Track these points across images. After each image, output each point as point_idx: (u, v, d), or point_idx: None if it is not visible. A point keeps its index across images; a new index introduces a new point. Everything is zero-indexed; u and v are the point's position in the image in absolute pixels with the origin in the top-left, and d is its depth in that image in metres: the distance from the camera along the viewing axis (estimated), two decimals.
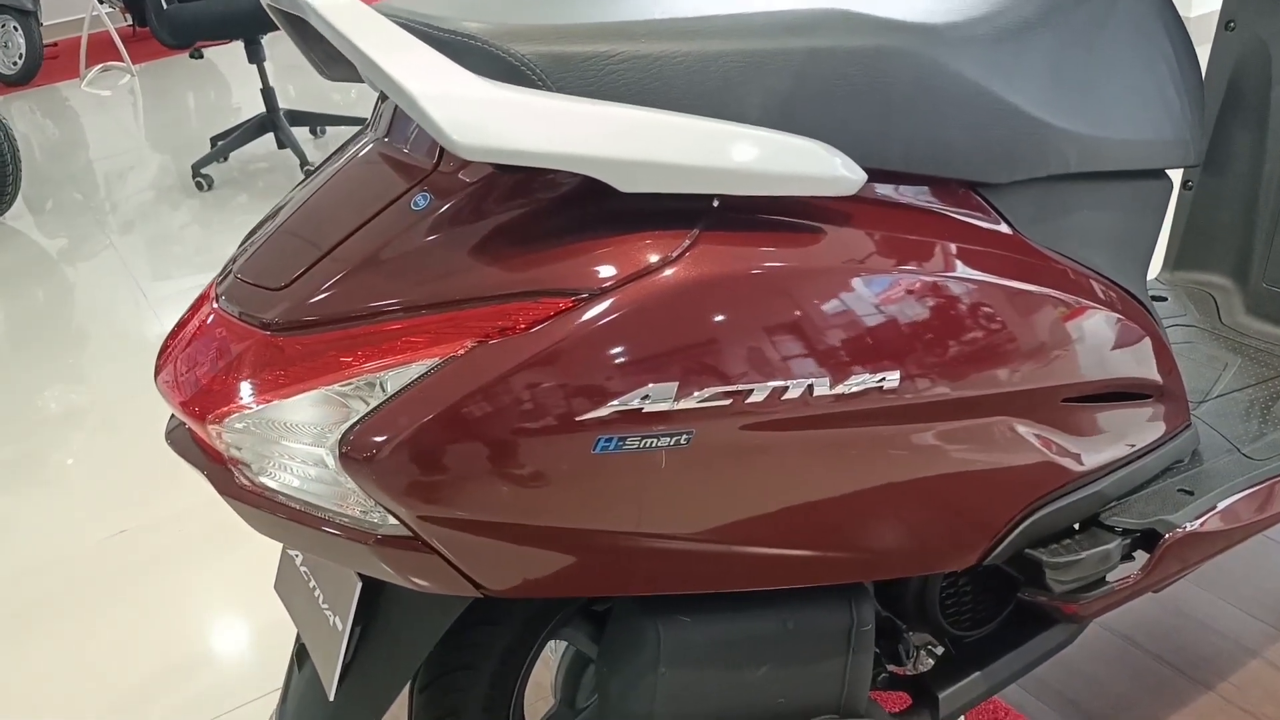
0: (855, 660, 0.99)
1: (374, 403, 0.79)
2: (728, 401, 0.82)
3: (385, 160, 0.89)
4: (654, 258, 0.81)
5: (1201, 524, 1.11)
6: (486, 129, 0.74)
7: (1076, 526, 1.09)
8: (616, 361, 0.79)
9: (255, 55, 3.99)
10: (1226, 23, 1.54)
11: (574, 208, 0.82)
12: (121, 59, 6.46)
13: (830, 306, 0.85)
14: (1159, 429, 1.10)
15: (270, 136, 4.24)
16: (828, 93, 0.85)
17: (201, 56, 4.16)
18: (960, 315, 0.90)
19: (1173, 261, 1.63)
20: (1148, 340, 1.07)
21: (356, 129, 3.95)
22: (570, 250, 0.81)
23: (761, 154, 0.81)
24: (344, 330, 0.81)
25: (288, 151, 4.26)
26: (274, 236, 0.89)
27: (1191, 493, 1.13)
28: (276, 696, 1.60)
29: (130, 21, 7.43)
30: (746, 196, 0.83)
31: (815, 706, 0.99)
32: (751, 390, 0.82)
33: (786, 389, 0.83)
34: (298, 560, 1.06)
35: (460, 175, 0.83)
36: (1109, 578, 1.08)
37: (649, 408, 0.80)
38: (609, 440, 0.80)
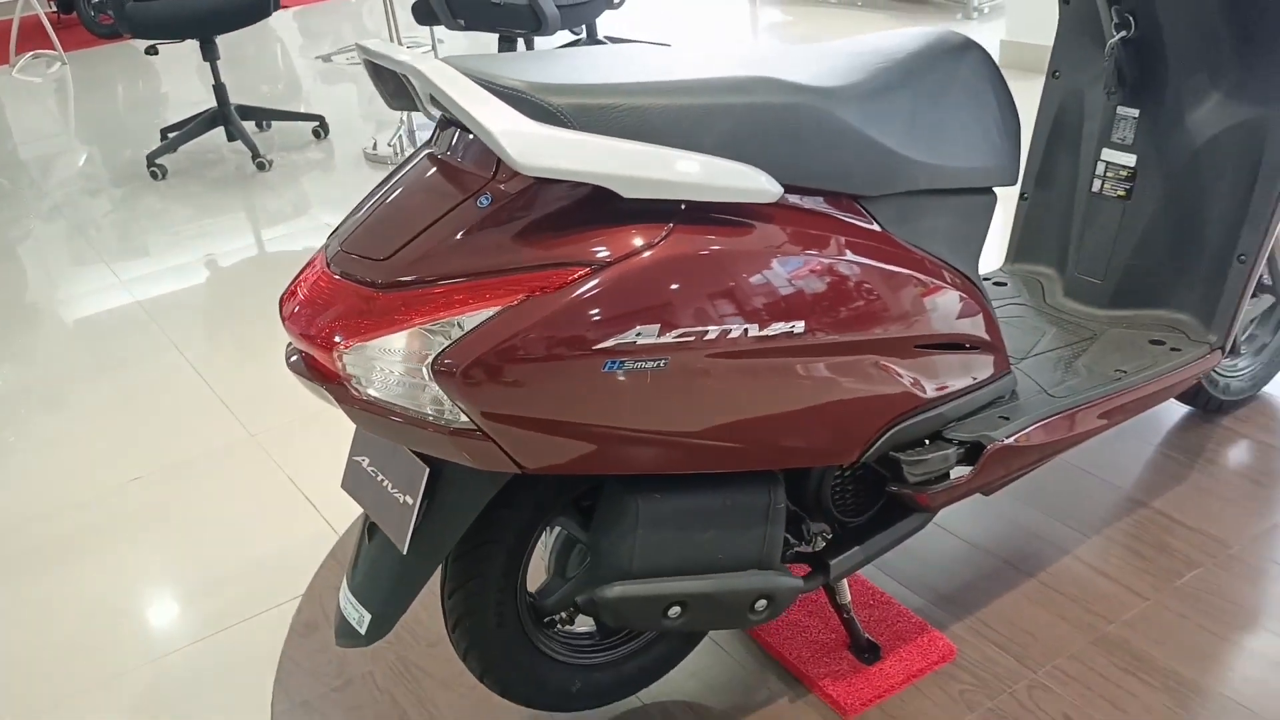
0: (771, 529, 1.41)
1: (455, 336, 1.17)
2: (691, 339, 1.22)
3: (451, 170, 1.27)
4: (642, 241, 1.21)
5: (1014, 440, 1.55)
6: (538, 153, 1.13)
7: (927, 440, 1.52)
8: (618, 310, 1.19)
9: (210, 54, 4.26)
10: (1053, 72, 2.00)
11: (589, 207, 1.21)
12: (52, 46, 6.59)
13: (759, 277, 1.26)
14: (985, 372, 1.54)
15: (219, 128, 4.51)
16: (758, 132, 1.26)
17: (157, 53, 4.41)
18: (844, 285, 1.32)
19: (1012, 255, 2.09)
20: (977, 308, 1.50)
21: (306, 123, 4.25)
22: (586, 236, 1.20)
23: (713, 173, 1.21)
24: (431, 288, 1.19)
25: (236, 143, 4.54)
26: (372, 220, 1.27)
27: (1008, 419, 1.57)
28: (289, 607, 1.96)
29: (55, 8, 7.54)
30: (704, 201, 1.23)
31: (743, 561, 1.40)
32: (707, 331, 1.23)
33: (730, 331, 1.24)
34: (364, 463, 1.43)
35: (510, 184, 1.22)
36: (951, 475, 1.52)
37: (640, 342, 1.20)
38: (614, 363, 1.20)
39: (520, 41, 3.89)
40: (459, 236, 1.20)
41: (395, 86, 1.33)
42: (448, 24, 3.65)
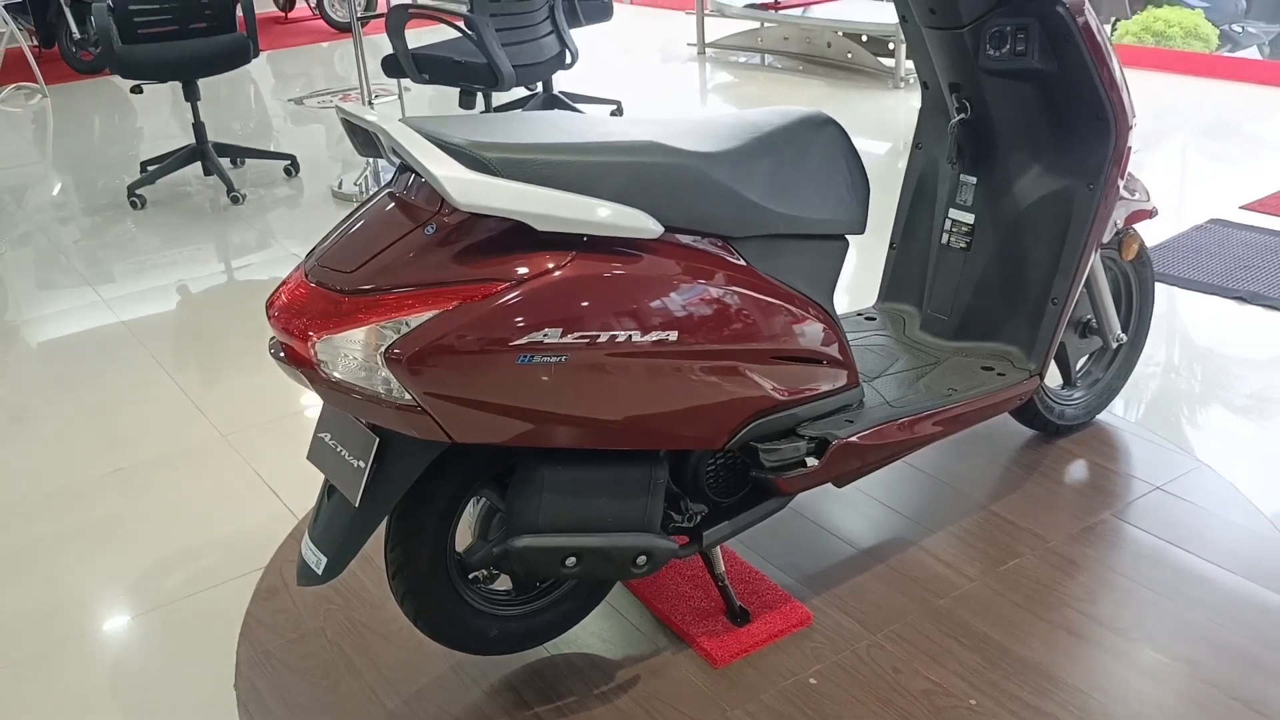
0: (652, 499, 1.76)
1: (403, 332, 1.52)
2: (586, 341, 1.58)
3: (406, 205, 1.63)
4: (551, 264, 1.57)
5: (855, 439, 1.92)
6: (473, 194, 1.49)
7: (784, 434, 1.88)
8: (529, 316, 1.54)
9: (191, 94, 4.61)
10: (916, 144, 2.40)
11: (511, 237, 1.57)
12: (35, 79, 6.89)
13: (641, 295, 1.62)
14: (835, 383, 1.91)
15: (196, 163, 4.84)
16: (645, 184, 1.63)
17: (141, 91, 4.75)
18: (711, 305, 1.69)
19: (883, 295, 2.48)
20: (828, 331, 1.87)
21: (277, 161, 4.63)
22: (508, 259, 1.56)
23: (607, 214, 1.58)
24: (386, 295, 1.54)
25: (212, 177, 4.87)
26: (342, 240, 1.62)
27: (852, 422, 1.94)
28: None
29: (36, 42, 7.84)
30: (600, 235, 1.60)
31: (629, 524, 1.75)
32: (599, 335, 1.59)
33: (616, 336, 1.60)
34: (327, 438, 1.76)
35: (451, 217, 1.57)
36: (805, 465, 1.88)
37: (546, 341, 1.56)
38: (526, 357, 1.55)
39: (479, 95, 4.28)
40: (410, 256, 1.56)
41: (365, 139, 1.69)
42: (414, 78, 4.02)
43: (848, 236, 1.93)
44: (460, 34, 4.08)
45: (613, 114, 5.56)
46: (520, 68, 3.96)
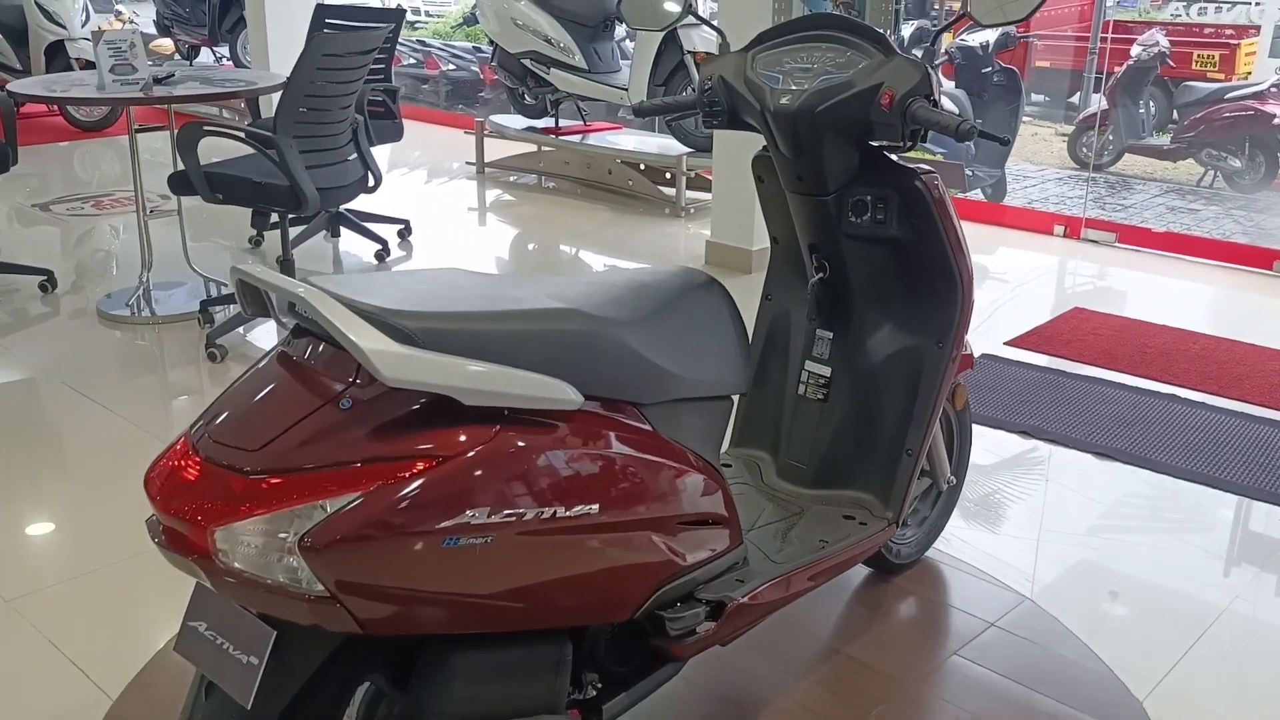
0: (559, 679, 1.68)
1: (318, 519, 1.40)
2: (513, 519, 1.51)
3: (311, 374, 1.51)
4: (478, 440, 1.50)
5: (748, 599, 1.92)
6: (401, 369, 1.41)
7: (680, 600, 1.85)
8: (458, 496, 1.46)
9: None
10: (766, 295, 2.48)
11: (433, 410, 1.49)
12: None
13: (564, 468, 1.57)
14: (726, 543, 1.91)
15: None
16: (567, 354, 1.59)
17: None
18: (627, 476, 1.66)
19: (735, 441, 2.52)
20: (720, 492, 1.88)
21: (33, 278, 4.23)
22: (431, 434, 1.48)
23: (531, 386, 1.53)
24: (299, 476, 1.42)
25: None
26: (240, 414, 1.48)
27: (743, 581, 1.95)
28: None
29: None
30: (525, 407, 1.54)
31: (537, 706, 1.66)
32: (524, 512, 1.52)
33: (541, 512, 1.54)
34: (201, 628, 1.58)
35: (367, 390, 1.47)
36: (698, 631, 1.86)
37: (473, 522, 1.47)
38: (453, 539, 1.46)
39: (274, 214, 4.09)
40: (324, 433, 1.44)
41: (253, 297, 1.57)
42: (206, 198, 3.80)
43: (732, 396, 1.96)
44: (258, 152, 3.91)
45: (400, 233, 5.46)
46: (324, 190, 3.82)
